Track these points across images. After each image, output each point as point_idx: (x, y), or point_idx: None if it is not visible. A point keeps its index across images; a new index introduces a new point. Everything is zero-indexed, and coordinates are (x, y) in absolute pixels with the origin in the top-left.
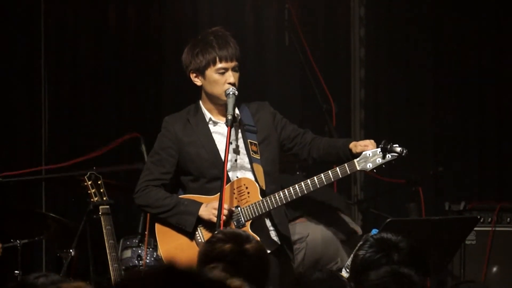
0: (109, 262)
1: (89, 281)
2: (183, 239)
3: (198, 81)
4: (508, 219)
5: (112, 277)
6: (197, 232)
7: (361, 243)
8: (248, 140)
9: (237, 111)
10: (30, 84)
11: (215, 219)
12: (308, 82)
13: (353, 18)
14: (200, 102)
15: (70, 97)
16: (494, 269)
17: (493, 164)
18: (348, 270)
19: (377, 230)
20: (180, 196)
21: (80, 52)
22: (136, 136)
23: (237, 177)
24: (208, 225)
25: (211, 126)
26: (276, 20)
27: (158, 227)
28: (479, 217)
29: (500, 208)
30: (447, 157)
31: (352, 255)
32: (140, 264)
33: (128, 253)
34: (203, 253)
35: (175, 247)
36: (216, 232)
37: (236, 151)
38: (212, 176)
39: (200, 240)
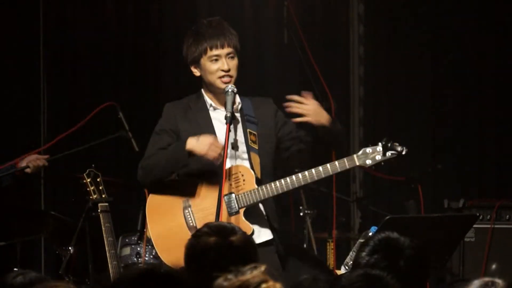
0: (108, 260)
1: (88, 279)
2: (173, 222)
3: (197, 72)
4: (507, 216)
5: (111, 274)
6: (188, 216)
7: (362, 241)
8: (248, 130)
9: (238, 99)
10: (29, 79)
11: (211, 154)
12: (307, 80)
13: (352, 16)
14: (202, 90)
15: (69, 91)
16: (493, 266)
17: (492, 161)
18: (347, 268)
19: (376, 228)
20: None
21: (79, 49)
22: (111, 105)
23: (232, 164)
24: (199, 208)
25: (211, 112)
26: (275, 17)
27: (149, 206)
28: (478, 214)
29: (499, 206)
30: (446, 155)
31: (351, 253)
32: (139, 261)
33: (127, 251)
34: (188, 247)
35: (165, 229)
36: (201, 226)
37: (235, 140)
38: (208, 162)
39: (191, 224)
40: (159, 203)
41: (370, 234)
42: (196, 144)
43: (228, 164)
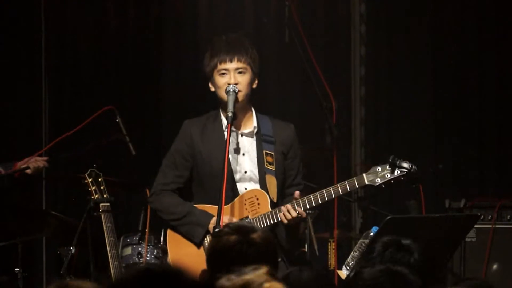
0: (110, 260)
1: (90, 279)
2: (192, 248)
3: (212, 87)
4: (508, 216)
5: (112, 274)
6: (206, 241)
7: (363, 241)
8: (264, 151)
9: (255, 122)
10: (30, 81)
11: None
12: (308, 79)
13: (353, 15)
14: (220, 109)
15: (70, 93)
16: (494, 266)
17: (493, 161)
18: (348, 268)
19: (377, 228)
20: (194, 205)
21: (80, 51)
22: (110, 109)
23: (245, 188)
24: None
25: (226, 134)
26: (276, 17)
27: (170, 234)
28: (479, 214)
29: (500, 206)
30: (447, 154)
31: (352, 253)
32: (141, 261)
33: (128, 251)
34: (210, 248)
35: (184, 254)
36: (221, 228)
37: (248, 163)
38: (220, 185)
39: None
40: (177, 231)
41: (371, 234)
42: (214, 225)
43: (239, 187)
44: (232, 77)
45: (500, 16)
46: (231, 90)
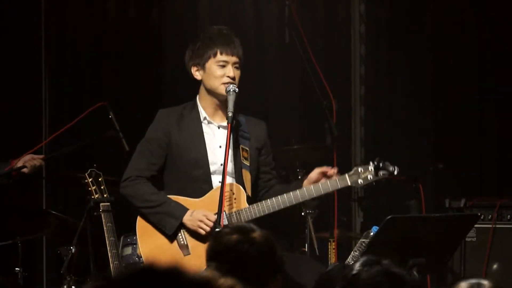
0: (110, 259)
1: (90, 278)
2: (164, 240)
3: (198, 75)
4: (509, 216)
5: (112, 274)
6: (179, 234)
7: (363, 240)
8: (241, 146)
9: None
10: (31, 80)
11: (200, 231)
12: (308, 79)
13: (353, 15)
14: (197, 99)
15: (70, 93)
16: (495, 266)
17: (493, 161)
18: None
19: (377, 228)
20: (167, 196)
21: (80, 51)
22: (103, 105)
23: (219, 182)
24: (192, 230)
25: (204, 126)
26: (276, 17)
27: (139, 224)
28: (479, 214)
29: (500, 205)
30: (447, 154)
31: (353, 253)
32: (141, 261)
33: (128, 250)
34: (210, 249)
35: (156, 247)
36: (220, 229)
37: (223, 156)
38: (195, 177)
39: (182, 242)
40: (149, 221)
41: (372, 233)
42: (189, 219)
43: (214, 180)
44: (231, 70)
45: (500, 16)
46: (231, 90)
